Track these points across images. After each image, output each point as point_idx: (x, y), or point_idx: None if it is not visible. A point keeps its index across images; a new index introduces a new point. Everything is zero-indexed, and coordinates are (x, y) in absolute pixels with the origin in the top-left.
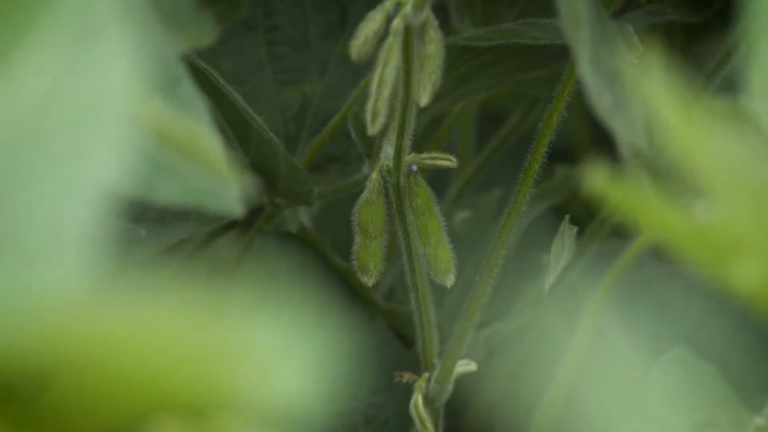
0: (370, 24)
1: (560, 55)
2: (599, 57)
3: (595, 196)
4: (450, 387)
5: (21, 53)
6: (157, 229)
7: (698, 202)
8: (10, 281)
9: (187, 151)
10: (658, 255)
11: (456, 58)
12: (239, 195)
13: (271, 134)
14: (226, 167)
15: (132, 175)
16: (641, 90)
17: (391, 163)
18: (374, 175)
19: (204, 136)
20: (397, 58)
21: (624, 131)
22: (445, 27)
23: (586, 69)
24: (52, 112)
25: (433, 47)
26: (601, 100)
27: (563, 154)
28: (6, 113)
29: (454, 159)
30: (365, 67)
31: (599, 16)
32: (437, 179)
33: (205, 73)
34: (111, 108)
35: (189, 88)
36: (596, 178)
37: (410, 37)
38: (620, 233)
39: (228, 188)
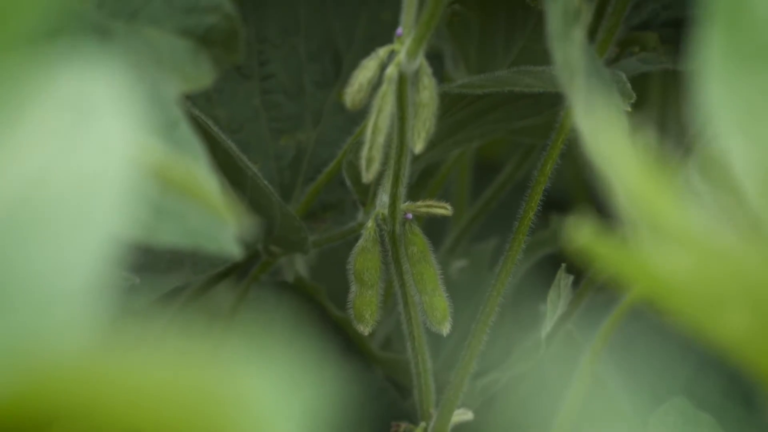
0: (364, 72)
1: (554, 102)
2: (594, 105)
3: (581, 251)
4: None
5: (18, 132)
6: (152, 277)
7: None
8: (15, 329)
9: (184, 191)
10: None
11: (450, 105)
12: (237, 235)
13: (266, 182)
14: (223, 207)
15: (132, 222)
16: (604, 154)
17: (386, 211)
18: (370, 223)
19: (202, 176)
20: (392, 106)
21: None
22: (439, 74)
23: (581, 117)
24: (54, 180)
25: (427, 94)
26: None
27: (559, 203)
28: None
29: (449, 207)
30: (360, 114)
31: (593, 64)
32: (433, 228)
33: (200, 121)
34: (113, 171)
35: (186, 130)
36: (582, 233)
37: (404, 84)
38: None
39: (226, 229)
